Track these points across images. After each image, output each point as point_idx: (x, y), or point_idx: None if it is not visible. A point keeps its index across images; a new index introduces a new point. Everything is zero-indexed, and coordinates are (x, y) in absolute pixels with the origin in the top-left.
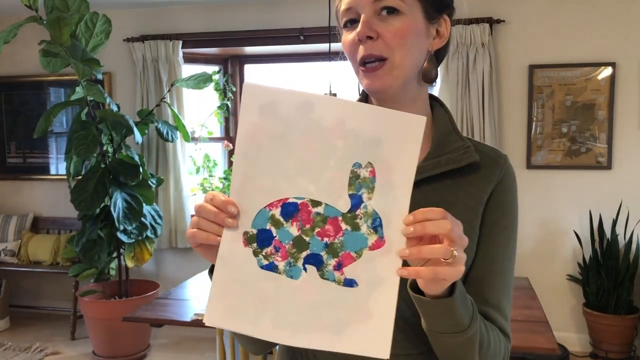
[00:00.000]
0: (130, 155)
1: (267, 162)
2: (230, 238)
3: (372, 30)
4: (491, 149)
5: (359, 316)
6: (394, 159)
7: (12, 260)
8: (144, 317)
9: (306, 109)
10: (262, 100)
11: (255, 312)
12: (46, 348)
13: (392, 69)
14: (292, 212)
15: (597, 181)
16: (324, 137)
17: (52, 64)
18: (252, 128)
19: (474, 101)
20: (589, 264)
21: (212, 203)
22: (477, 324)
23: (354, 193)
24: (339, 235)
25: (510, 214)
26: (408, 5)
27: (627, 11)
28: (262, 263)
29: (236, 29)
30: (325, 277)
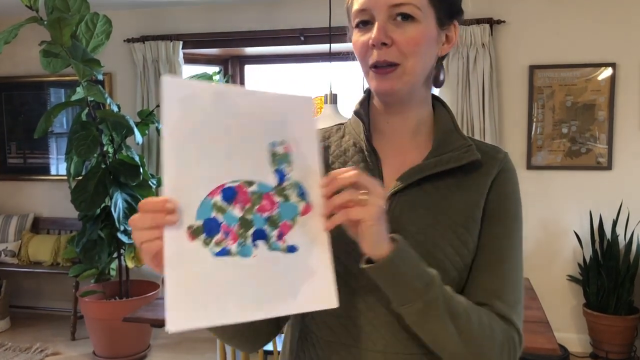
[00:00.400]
0: (130, 156)
1: (197, 153)
2: (174, 237)
3: (387, 37)
4: (492, 146)
5: (305, 275)
6: (299, 134)
7: (13, 261)
8: (144, 317)
9: (222, 98)
10: (180, 93)
11: (218, 300)
12: (46, 348)
13: (403, 75)
14: (232, 195)
15: (598, 182)
16: (242, 123)
17: (52, 64)
18: (176, 122)
19: (474, 101)
20: (589, 265)
21: (145, 209)
22: (436, 290)
23: (277, 168)
24: (275, 208)
25: (510, 205)
26: (423, 12)
27: (627, 12)
28: (214, 251)
29: (236, 30)
30: (272, 248)
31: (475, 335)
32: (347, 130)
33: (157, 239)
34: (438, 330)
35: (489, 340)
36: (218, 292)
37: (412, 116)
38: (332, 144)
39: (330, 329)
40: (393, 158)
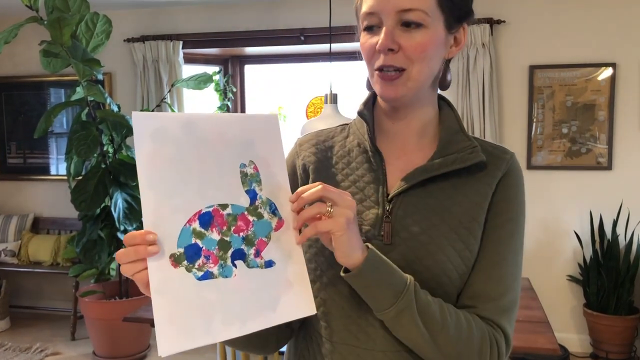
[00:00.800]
0: (130, 156)
1: (172, 184)
2: (157, 267)
3: (394, 43)
4: (497, 147)
5: (284, 288)
6: (266, 152)
7: (13, 261)
8: (144, 317)
9: (189, 127)
10: (151, 127)
11: (204, 322)
12: (46, 348)
13: (408, 81)
14: (209, 220)
15: (598, 182)
16: (211, 149)
17: (52, 64)
18: (149, 156)
19: (475, 101)
20: (590, 265)
21: (129, 243)
22: (408, 299)
23: (249, 188)
24: (250, 227)
25: (514, 209)
26: (431, 18)
27: (628, 12)
28: (197, 275)
29: (236, 30)
30: (251, 266)
31: (451, 340)
32: (352, 131)
33: (145, 269)
34: (412, 335)
35: (466, 346)
36: (203, 313)
37: (417, 117)
38: (336, 145)
39: (332, 329)
40: (397, 159)
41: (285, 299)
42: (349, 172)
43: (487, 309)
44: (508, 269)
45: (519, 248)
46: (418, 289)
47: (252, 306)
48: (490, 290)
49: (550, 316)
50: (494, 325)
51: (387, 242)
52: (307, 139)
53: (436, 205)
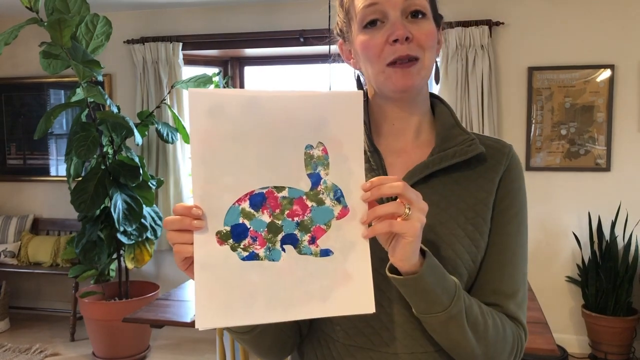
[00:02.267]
0: (130, 157)
1: (225, 162)
2: (203, 241)
3: (409, 32)
4: (495, 140)
5: (340, 280)
6: (341, 134)
7: (12, 262)
8: (144, 318)
9: (251, 106)
10: (208, 104)
11: (246, 301)
12: (46, 349)
13: (422, 69)
14: (260, 201)
15: (596, 183)
16: (273, 128)
17: (52, 65)
18: (204, 133)
19: (473, 103)
20: (588, 266)
21: (176, 213)
22: (460, 304)
23: (312, 172)
24: (307, 213)
25: (519, 202)
26: (429, 11)
27: (626, 13)
28: (242, 255)
29: (236, 31)
30: (303, 253)
31: (491, 340)
32: None
33: (188, 244)
34: (458, 338)
35: (502, 343)
36: (245, 293)
37: (415, 114)
38: None
39: (345, 332)
40: (397, 157)
41: (340, 291)
42: None
43: (508, 306)
44: (519, 265)
45: (525, 240)
46: (463, 290)
47: (299, 293)
48: (506, 288)
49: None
50: (515, 322)
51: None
52: None
53: (440, 201)
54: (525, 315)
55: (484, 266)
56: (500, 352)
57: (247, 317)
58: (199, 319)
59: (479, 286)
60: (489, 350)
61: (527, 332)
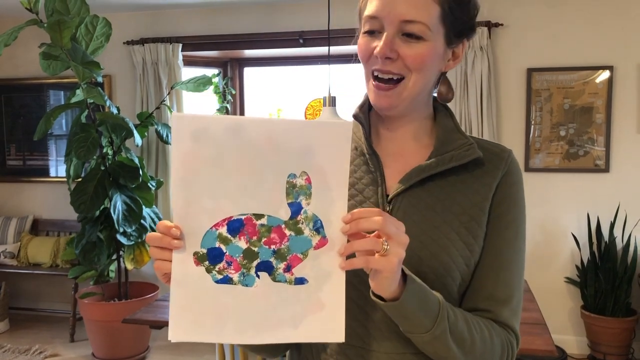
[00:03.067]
0: (130, 158)
1: (206, 186)
2: (181, 260)
3: (393, 51)
4: (494, 144)
5: (313, 308)
6: (326, 164)
7: (12, 262)
8: (143, 319)
9: (236, 130)
10: (192, 127)
11: (217, 322)
12: (45, 350)
13: (403, 91)
14: (238, 227)
15: (595, 184)
16: (257, 155)
17: (52, 66)
18: (186, 155)
19: (473, 104)
20: (587, 267)
21: (158, 230)
22: (443, 324)
23: (293, 201)
24: (284, 241)
25: (516, 208)
26: (432, 32)
27: (625, 15)
28: (216, 278)
29: (236, 32)
30: (277, 280)
31: (478, 353)
32: None
33: (167, 260)
34: (445, 354)
35: (490, 355)
36: (216, 314)
37: (412, 121)
38: None
39: None
40: (395, 160)
41: (311, 319)
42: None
43: (500, 312)
44: (515, 270)
45: (522, 247)
46: (447, 307)
47: (270, 318)
48: (500, 294)
49: (548, 318)
50: (507, 329)
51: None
52: None
53: (436, 204)
54: (518, 321)
55: (479, 271)
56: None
57: (217, 336)
58: (171, 331)
59: (473, 291)
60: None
61: (519, 339)
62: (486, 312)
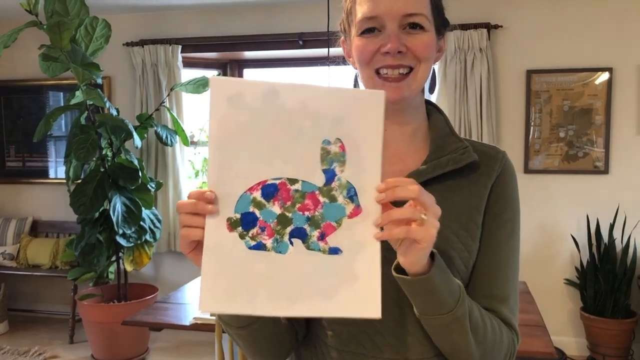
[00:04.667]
0: (129, 159)
1: (241, 150)
2: (214, 227)
3: (402, 45)
4: (489, 146)
5: (347, 280)
6: (359, 133)
7: (11, 264)
8: (142, 320)
9: (271, 96)
10: (228, 92)
11: (249, 291)
12: (45, 352)
13: (413, 82)
14: (272, 192)
15: (595, 186)
16: (292, 120)
17: (51, 68)
18: (222, 120)
19: (472, 106)
20: (587, 268)
21: (189, 197)
22: (464, 306)
23: (327, 168)
24: (318, 208)
25: (511, 207)
26: (429, 22)
27: (624, 17)
28: (249, 244)
29: (235, 34)
30: (311, 248)
31: (489, 343)
32: None
33: (198, 227)
34: (459, 341)
35: (499, 347)
36: (250, 283)
37: (408, 122)
38: None
39: (338, 337)
40: (391, 165)
41: (345, 292)
42: None
43: (501, 310)
44: (512, 269)
45: (518, 245)
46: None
47: (303, 289)
48: (499, 292)
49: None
50: (508, 326)
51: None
52: None
53: None
54: (517, 319)
55: (476, 271)
56: (496, 356)
57: (249, 307)
58: (202, 302)
59: (472, 291)
60: (486, 354)
61: (519, 336)
62: (488, 311)
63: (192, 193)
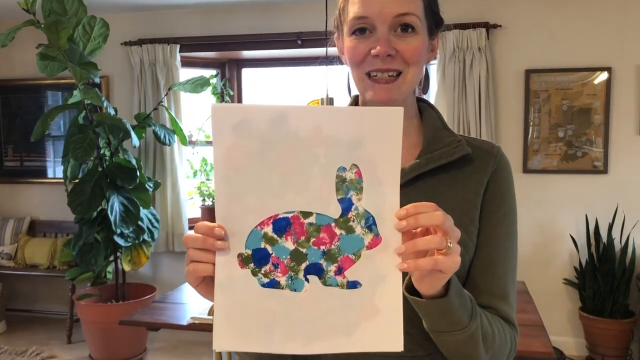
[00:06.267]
0: (127, 159)
1: (250, 182)
2: (225, 263)
3: (392, 48)
4: (483, 141)
5: (368, 314)
6: (377, 155)
7: (9, 264)
8: (140, 320)
9: (280, 121)
10: (233, 120)
11: (264, 329)
12: (42, 352)
13: (403, 84)
14: (285, 227)
15: (594, 185)
16: (304, 147)
17: (49, 67)
18: (228, 149)
19: (471, 106)
20: (585, 268)
21: (197, 231)
22: (477, 320)
23: (343, 197)
24: (334, 241)
25: (508, 203)
26: (422, 24)
27: (623, 16)
28: (262, 281)
29: (234, 33)
30: (328, 284)
31: (497, 347)
32: None
33: (207, 263)
34: (471, 351)
35: (504, 348)
36: (263, 321)
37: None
38: None
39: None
40: None
41: (367, 326)
42: None
43: (501, 307)
44: (510, 265)
45: (515, 241)
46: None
47: (321, 326)
48: (498, 289)
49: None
50: (508, 323)
51: None
52: None
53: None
54: (515, 313)
55: (475, 268)
56: (501, 355)
57: (264, 346)
58: (216, 340)
59: (471, 288)
60: (493, 356)
61: (518, 331)
62: (487, 309)
63: (200, 227)
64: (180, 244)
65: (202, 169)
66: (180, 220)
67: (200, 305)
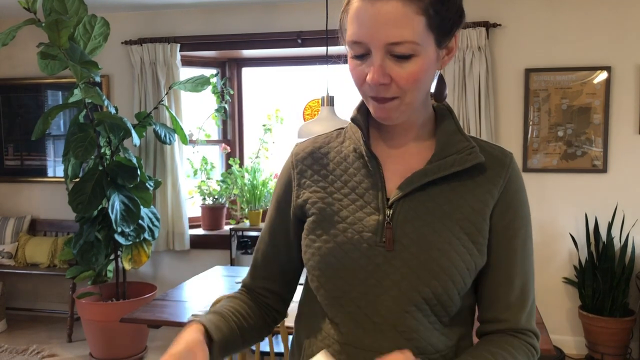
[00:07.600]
0: (128, 158)
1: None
2: None
3: (386, 76)
4: (496, 147)
5: None
6: None
7: (9, 263)
8: (141, 318)
9: None
10: None
11: None
12: (43, 350)
13: (401, 105)
14: None
15: (593, 184)
16: None
17: (50, 66)
18: None
19: (471, 105)
20: (585, 267)
21: None
22: None
23: None
24: None
25: (521, 214)
26: (422, 45)
27: (623, 16)
28: None
29: (234, 32)
30: None
31: None
32: (347, 135)
33: None
34: None
35: None
36: None
37: (413, 122)
38: (332, 150)
39: (341, 332)
40: (395, 163)
41: None
42: (347, 179)
43: (520, 319)
44: (527, 275)
45: (531, 250)
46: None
47: None
48: (517, 300)
49: (546, 318)
50: (527, 333)
51: (389, 249)
52: (303, 148)
53: (436, 209)
54: (534, 319)
55: (494, 280)
56: None
57: None
58: None
59: (492, 302)
60: None
61: (539, 336)
62: (505, 322)
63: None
64: (180, 243)
65: (202, 168)
66: (181, 219)
67: (201, 302)
